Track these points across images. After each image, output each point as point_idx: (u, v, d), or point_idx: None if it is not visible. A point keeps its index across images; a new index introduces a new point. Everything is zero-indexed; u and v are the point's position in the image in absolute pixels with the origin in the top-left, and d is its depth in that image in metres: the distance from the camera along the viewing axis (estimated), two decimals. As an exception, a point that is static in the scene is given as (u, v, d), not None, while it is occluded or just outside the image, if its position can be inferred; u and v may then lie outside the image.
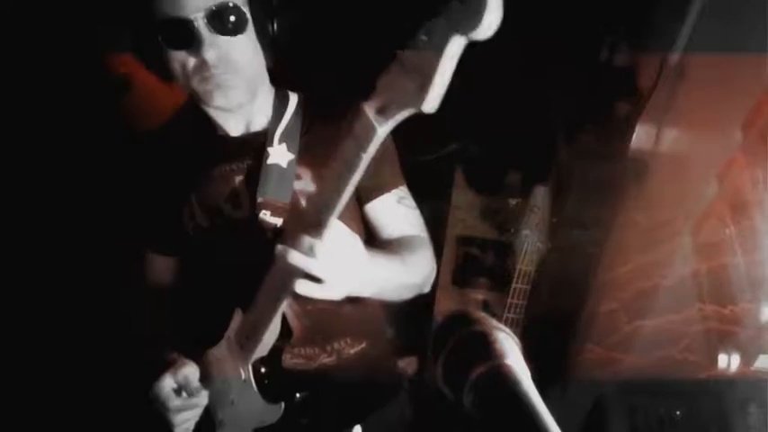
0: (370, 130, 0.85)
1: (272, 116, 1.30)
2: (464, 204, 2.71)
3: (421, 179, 2.79)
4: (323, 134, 1.27)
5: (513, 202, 2.65)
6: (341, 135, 0.90)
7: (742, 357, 1.25)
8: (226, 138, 1.30)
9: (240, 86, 1.18)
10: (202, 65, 1.13)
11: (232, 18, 1.12)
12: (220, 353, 1.24)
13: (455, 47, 0.72)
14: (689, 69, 1.62)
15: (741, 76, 1.31)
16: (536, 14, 2.26)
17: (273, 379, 1.21)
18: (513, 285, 2.06)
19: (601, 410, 1.72)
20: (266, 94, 1.31)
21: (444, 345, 0.68)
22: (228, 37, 1.13)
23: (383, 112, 0.83)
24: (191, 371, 1.24)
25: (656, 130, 1.73)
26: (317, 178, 1.27)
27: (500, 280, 2.43)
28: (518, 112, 2.41)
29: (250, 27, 1.16)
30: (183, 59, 1.13)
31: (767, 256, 1.18)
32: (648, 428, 1.64)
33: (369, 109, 0.85)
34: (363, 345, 1.39)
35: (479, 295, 2.50)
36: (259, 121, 1.30)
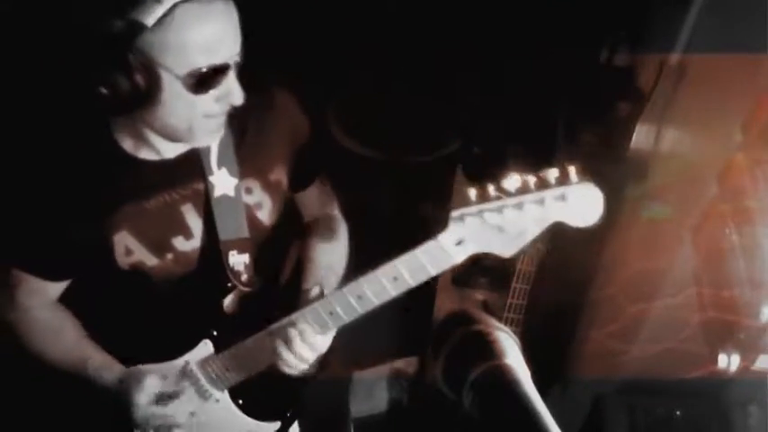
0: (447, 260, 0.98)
1: None
2: (464, 204, 2.71)
3: (421, 179, 2.81)
4: (257, 138, 1.22)
5: (513, 202, 2.64)
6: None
7: (742, 357, 1.25)
8: (150, 162, 1.16)
9: None
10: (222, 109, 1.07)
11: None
12: (169, 373, 1.26)
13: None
14: (689, 69, 1.62)
15: (741, 76, 1.31)
16: (536, 14, 2.26)
17: (259, 399, 1.32)
18: (513, 285, 2.06)
19: (600, 410, 1.72)
20: None
21: (444, 344, 0.68)
22: None
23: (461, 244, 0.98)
24: (156, 380, 1.24)
25: (656, 130, 1.73)
26: (267, 186, 1.25)
27: (500, 280, 2.43)
28: (518, 112, 2.41)
29: None
30: (203, 100, 1.03)
31: (767, 255, 1.18)
32: (648, 428, 1.64)
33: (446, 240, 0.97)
34: None
35: (479, 295, 2.49)
36: None
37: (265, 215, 1.27)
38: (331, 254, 1.33)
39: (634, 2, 1.93)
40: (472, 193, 0.92)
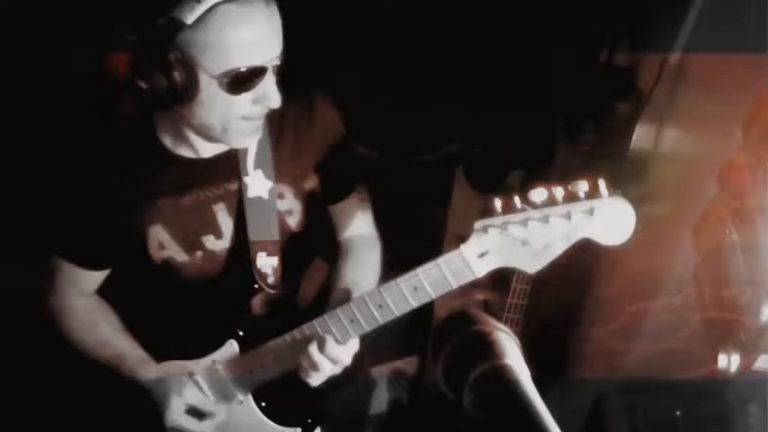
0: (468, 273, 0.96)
1: None
2: (464, 204, 2.71)
3: (421, 179, 2.81)
4: (294, 143, 1.23)
5: (513, 202, 2.64)
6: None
7: (742, 357, 1.25)
8: (188, 159, 1.18)
9: None
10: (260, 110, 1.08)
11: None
12: (198, 371, 1.25)
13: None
14: (689, 69, 1.62)
15: (741, 76, 1.31)
16: (536, 14, 2.26)
17: (283, 404, 1.30)
18: (513, 285, 2.06)
19: (601, 410, 1.72)
20: None
21: (444, 345, 0.68)
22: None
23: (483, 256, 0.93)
24: (195, 393, 1.24)
25: (656, 130, 1.73)
26: (300, 194, 1.25)
27: (500, 280, 2.43)
28: (519, 111, 2.41)
29: None
30: (240, 102, 1.05)
31: (767, 255, 1.18)
32: (648, 428, 1.64)
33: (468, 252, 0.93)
34: None
35: (479, 295, 2.49)
36: None
37: (294, 222, 1.26)
38: (362, 274, 1.30)
39: (634, 2, 1.93)
40: (497, 204, 0.89)
